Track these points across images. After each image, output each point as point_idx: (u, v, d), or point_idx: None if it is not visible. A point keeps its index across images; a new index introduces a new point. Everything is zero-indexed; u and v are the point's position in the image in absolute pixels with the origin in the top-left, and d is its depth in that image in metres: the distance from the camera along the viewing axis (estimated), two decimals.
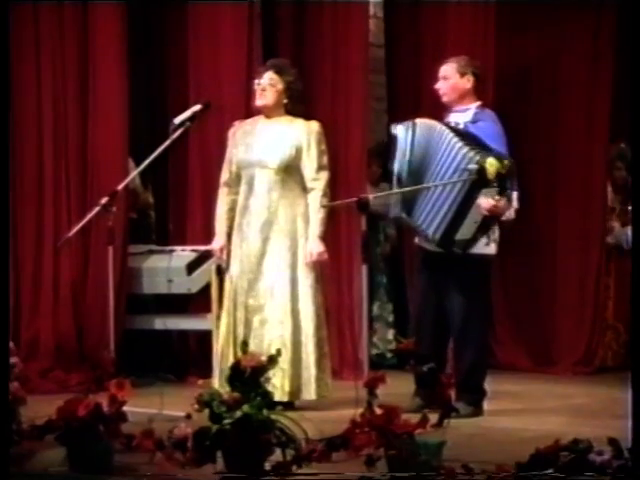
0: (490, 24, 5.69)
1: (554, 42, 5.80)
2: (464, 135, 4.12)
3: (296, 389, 4.27)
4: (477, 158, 4.01)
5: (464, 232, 4.05)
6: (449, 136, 4.10)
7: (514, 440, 3.49)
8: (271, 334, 4.30)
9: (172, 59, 5.79)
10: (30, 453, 3.09)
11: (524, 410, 4.35)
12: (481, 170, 4.04)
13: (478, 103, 4.29)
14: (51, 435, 3.02)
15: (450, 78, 4.25)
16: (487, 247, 4.20)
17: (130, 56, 5.41)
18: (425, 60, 5.46)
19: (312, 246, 4.34)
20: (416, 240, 4.38)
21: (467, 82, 4.26)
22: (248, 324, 4.33)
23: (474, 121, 4.21)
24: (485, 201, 4.01)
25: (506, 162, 4.01)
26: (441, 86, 4.28)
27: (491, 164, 4.08)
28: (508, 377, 5.32)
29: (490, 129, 4.18)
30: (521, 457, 2.63)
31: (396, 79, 6.08)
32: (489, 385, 4.30)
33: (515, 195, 4.15)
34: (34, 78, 5.33)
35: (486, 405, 4.23)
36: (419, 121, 4.22)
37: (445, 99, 4.28)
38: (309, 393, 4.30)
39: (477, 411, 4.15)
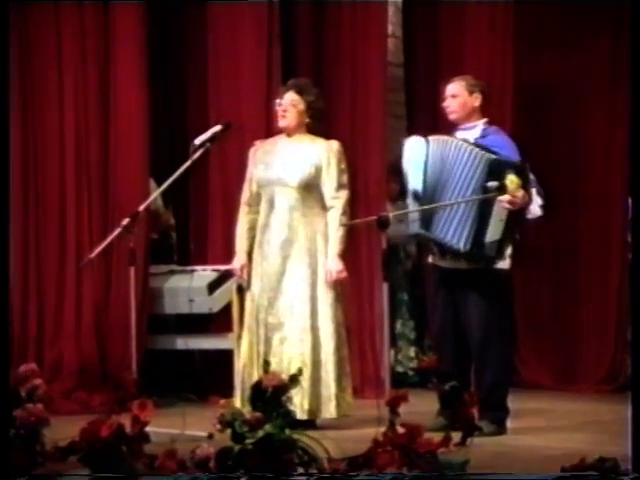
0: (508, 43, 5.70)
1: (572, 58, 5.80)
2: (478, 146, 4.14)
3: (315, 407, 4.26)
4: (493, 157, 4.04)
5: (493, 234, 4.06)
6: (464, 146, 4.13)
7: (539, 458, 3.46)
8: (291, 352, 4.30)
9: (192, 79, 5.83)
10: (54, 475, 3.10)
11: (548, 428, 4.31)
12: (502, 187, 4.05)
13: (485, 120, 4.31)
14: (74, 456, 3.02)
15: (459, 96, 4.27)
16: (502, 262, 4.20)
17: (150, 77, 5.46)
18: (444, 78, 5.46)
19: (331, 264, 4.35)
20: (430, 259, 4.38)
21: (475, 100, 4.28)
22: (268, 342, 4.33)
23: (483, 136, 4.24)
24: (504, 195, 4.03)
25: (521, 166, 4.04)
26: (450, 104, 4.29)
27: (511, 181, 4.08)
28: (531, 395, 5.28)
29: (500, 141, 4.21)
30: (546, 476, 2.60)
31: (415, 97, 6.10)
32: (512, 403, 4.27)
33: (535, 191, 4.14)
34: (56, 94, 5.36)
35: (510, 423, 4.19)
36: (432, 137, 4.24)
37: (454, 116, 4.29)
38: (329, 411, 4.28)
39: (500, 429, 4.12)
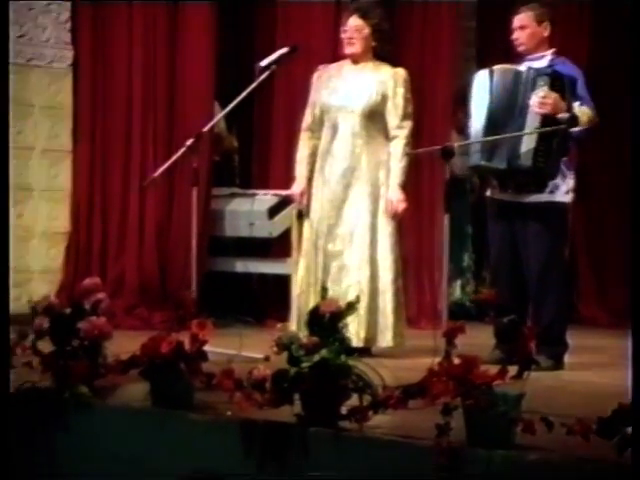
0: None
1: None
2: (544, 72, 4.05)
3: (372, 336, 4.27)
4: (524, 69, 3.98)
5: (528, 143, 3.99)
6: (524, 71, 4.03)
7: (596, 394, 3.43)
8: (349, 280, 4.30)
9: (260, 1, 5.76)
10: (114, 387, 3.19)
11: (607, 365, 4.27)
12: (573, 118, 3.95)
13: (553, 50, 4.19)
14: (135, 370, 3.10)
15: (528, 27, 4.15)
16: (565, 195, 4.13)
17: None
18: (517, 3, 5.33)
19: (392, 195, 4.31)
20: (488, 192, 4.30)
21: (544, 30, 4.16)
22: (326, 269, 4.34)
23: (550, 66, 4.13)
24: (534, 99, 3.96)
25: (555, 74, 3.96)
26: (519, 36, 4.17)
27: (582, 112, 3.98)
28: (590, 332, 5.23)
29: (568, 70, 4.09)
30: (603, 412, 2.58)
31: (486, 24, 5.93)
32: (571, 340, 4.24)
33: (577, 105, 4.01)
34: (125, 18, 5.39)
35: (568, 359, 4.17)
36: (497, 67, 4.14)
37: (522, 48, 4.18)
38: (386, 340, 4.30)
39: (558, 365, 4.09)
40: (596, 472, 2.46)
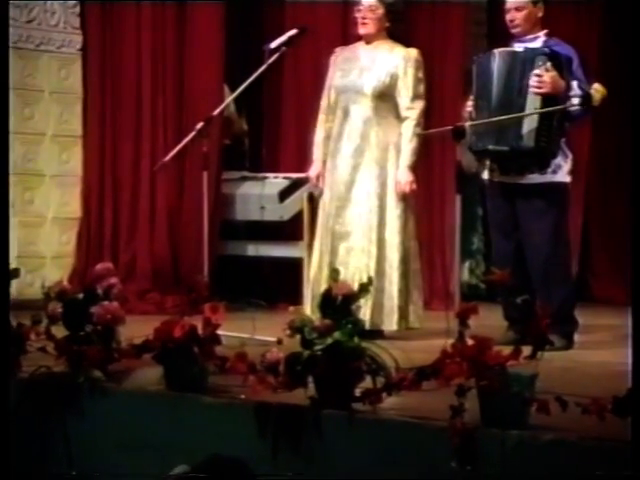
0: None
1: None
2: (541, 52, 4.02)
3: (377, 318, 4.26)
4: (521, 50, 3.96)
5: (529, 123, 3.97)
6: (526, 54, 4.01)
7: (610, 374, 3.42)
8: (356, 262, 4.30)
9: None
10: (128, 371, 3.20)
11: (621, 343, 4.24)
12: (586, 97, 3.92)
13: (545, 31, 4.15)
14: (148, 354, 3.11)
15: (524, 8, 4.10)
16: (567, 176, 4.11)
17: None
18: None
19: (401, 176, 4.30)
20: (485, 175, 4.26)
21: (539, 10, 4.13)
22: (334, 251, 4.33)
23: (545, 46, 4.09)
24: (533, 80, 3.95)
25: (553, 53, 3.94)
26: (515, 17, 4.12)
27: (597, 90, 3.95)
28: (604, 310, 5.21)
29: (562, 49, 4.06)
30: (618, 391, 2.57)
31: (497, 2, 5.88)
32: (585, 318, 4.23)
33: (575, 84, 4.00)
34: (133, 2, 5.37)
35: (581, 338, 4.16)
36: (496, 50, 4.12)
37: (518, 30, 4.13)
38: (391, 323, 4.28)
39: (570, 343, 4.09)
40: (611, 451, 2.45)
